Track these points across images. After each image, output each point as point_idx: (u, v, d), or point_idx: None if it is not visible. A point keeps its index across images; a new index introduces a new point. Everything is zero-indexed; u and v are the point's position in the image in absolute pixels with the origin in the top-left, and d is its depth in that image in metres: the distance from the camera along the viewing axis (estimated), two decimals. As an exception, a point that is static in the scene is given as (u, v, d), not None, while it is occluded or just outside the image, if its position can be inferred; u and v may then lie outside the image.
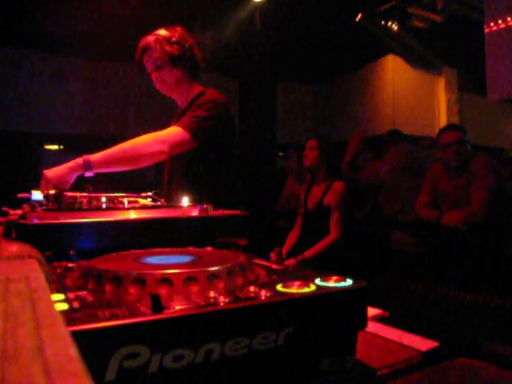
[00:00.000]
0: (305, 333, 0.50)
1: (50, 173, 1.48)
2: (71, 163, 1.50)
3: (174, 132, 1.63)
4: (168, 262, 0.61)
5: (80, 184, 1.50)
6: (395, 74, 6.23)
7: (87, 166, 1.48)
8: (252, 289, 0.50)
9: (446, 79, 6.59)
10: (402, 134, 3.70)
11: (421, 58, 6.24)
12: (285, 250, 3.07)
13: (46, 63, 5.45)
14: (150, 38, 1.79)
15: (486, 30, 4.28)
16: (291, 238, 3.14)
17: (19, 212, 0.95)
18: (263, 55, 5.26)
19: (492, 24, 4.21)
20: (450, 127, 3.01)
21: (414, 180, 3.09)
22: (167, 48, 1.77)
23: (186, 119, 1.66)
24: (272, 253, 3.05)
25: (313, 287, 0.52)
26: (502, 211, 2.66)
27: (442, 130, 2.90)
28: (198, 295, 0.49)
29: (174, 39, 1.78)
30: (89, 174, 1.49)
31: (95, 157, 1.52)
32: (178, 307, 0.44)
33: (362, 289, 0.54)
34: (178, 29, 1.84)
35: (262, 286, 0.52)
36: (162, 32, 1.80)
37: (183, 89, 1.87)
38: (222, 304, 0.45)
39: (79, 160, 1.50)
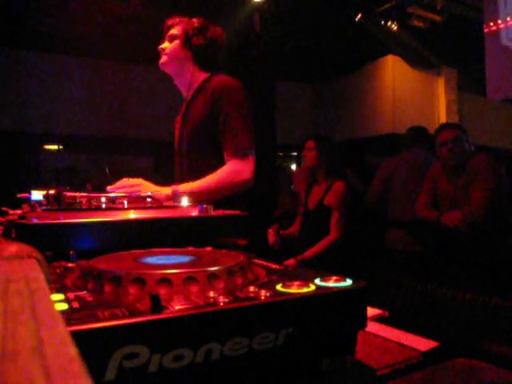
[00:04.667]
0: (304, 333, 0.50)
1: (144, 192, 1.50)
2: (164, 196, 1.53)
3: (248, 165, 1.69)
4: (168, 262, 0.61)
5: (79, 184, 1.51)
6: (395, 74, 6.23)
7: (177, 197, 1.55)
8: (252, 289, 0.50)
9: (446, 79, 6.59)
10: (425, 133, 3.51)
11: (420, 57, 6.25)
12: (284, 232, 3.13)
13: (46, 63, 5.45)
14: (177, 18, 1.86)
15: (486, 30, 4.28)
16: (291, 229, 3.19)
17: (19, 212, 0.95)
18: (263, 55, 5.26)
19: (491, 24, 4.21)
20: (446, 126, 3.00)
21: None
22: (186, 27, 1.83)
23: (234, 139, 1.67)
24: (270, 229, 3.07)
25: (312, 287, 0.52)
26: (501, 211, 2.66)
27: (439, 129, 2.90)
28: (198, 295, 0.49)
29: (196, 24, 1.83)
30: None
31: (185, 189, 1.57)
32: (177, 307, 0.44)
33: (361, 289, 0.54)
34: (208, 23, 1.87)
35: (261, 286, 0.52)
36: (197, 19, 1.86)
37: (186, 71, 1.85)
38: (221, 304, 0.45)
39: (169, 193, 1.56)
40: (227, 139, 1.68)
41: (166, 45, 1.83)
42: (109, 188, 1.50)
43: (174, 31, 1.83)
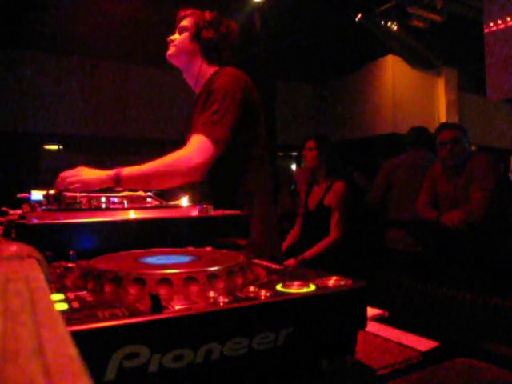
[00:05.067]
0: (304, 333, 0.50)
1: (84, 175, 1.42)
2: (104, 176, 1.43)
3: (202, 148, 1.48)
4: (168, 261, 0.61)
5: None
6: (395, 74, 6.23)
7: (117, 180, 1.43)
8: (252, 289, 0.50)
9: (446, 79, 6.60)
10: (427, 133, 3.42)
11: (420, 58, 6.25)
12: (283, 246, 3.09)
13: (46, 63, 5.46)
14: (190, 10, 1.79)
15: (486, 30, 4.28)
16: (290, 237, 3.15)
17: (19, 212, 0.95)
18: (263, 55, 5.26)
19: (491, 24, 4.21)
20: (445, 126, 3.01)
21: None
22: (197, 19, 1.75)
23: (205, 123, 1.51)
24: None
25: (312, 287, 0.52)
26: (501, 211, 2.66)
27: (439, 129, 2.91)
28: (198, 295, 0.49)
29: (207, 17, 1.74)
30: (118, 188, 1.44)
31: (126, 172, 1.45)
32: (177, 307, 0.44)
33: (361, 289, 0.54)
34: (222, 17, 1.78)
35: (261, 286, 0.52)
36: (209, 11, 1.78)
37: (194, 65, 1.75)
38: (221, 304, 0.45)
39: (111, 174, 1.44)
40: (199, 122, 1.54)
41: (175, 36, 1.77)
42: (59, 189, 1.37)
43: (184, 23, 1.77)
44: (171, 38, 1.78)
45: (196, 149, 1.49)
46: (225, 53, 1.79)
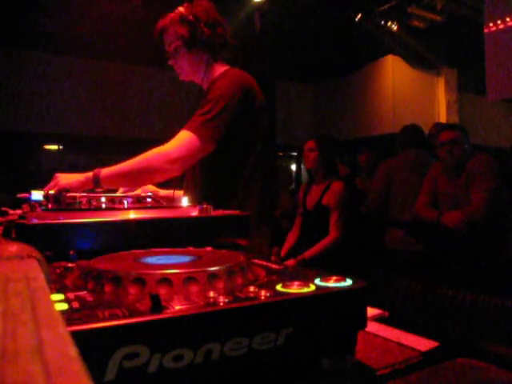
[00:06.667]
0: (304, 333, 0.50)
1: (63, 180, 1.42)
2: (83, 178, 1.43)
3: (184, 143, 1.46)
4: (168, 262, 0.61)
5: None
6: (395, 74, 6.24)
7: (96, 181, 1.42)
8: (252, 289, 0.50)
9: (446, 79, 6.60)
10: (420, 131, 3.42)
11: (421, 58, 6.25)
12: (284, 250, 3.07)
13: (47, 63, 5.46)
14: (167, 19, 1.66)
15: (486, 31, 4.28)
16: (290, 239, 3.14)
17: (19, 212, 0.95)
18: (263, 55, 5.26)
19: (491, 24, 4.21)
20: (445, 127, 3.01)
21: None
22: (179, 30, 1.61)
23: (194, 121, 1.49)
24: (272, 255, 3.04)
25: (312, 287, 0.52)
26: (501, 210, 2.66)
27: (439, 130, 2.92)
28: (198, 295, 0.49)
29: (189, 17, 1.60)
30: (98, 189, 1.44)
31: (105, 172, 1.44)
32: (177, 307, 0.44)
33: (361, 289, 0.54)
34: (201, 4, 1.64)
35: (261, 286, 0.52)
36: (181, 8, 1.63)
37: (201, 70, 1.68)
38: (221, 304, 0.45)
39: (90, 175, 1.43)
40: (191, 119, 1.50)
41: (172, 61, 1.69)
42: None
43: (170, 41, 1.66)
44: (171, 63, 1.70)
45: (177, 143, 1.47)
46: (224, 38, 1.67)
